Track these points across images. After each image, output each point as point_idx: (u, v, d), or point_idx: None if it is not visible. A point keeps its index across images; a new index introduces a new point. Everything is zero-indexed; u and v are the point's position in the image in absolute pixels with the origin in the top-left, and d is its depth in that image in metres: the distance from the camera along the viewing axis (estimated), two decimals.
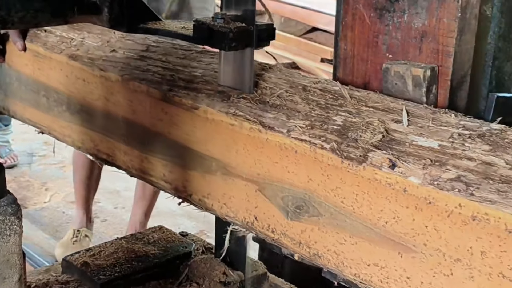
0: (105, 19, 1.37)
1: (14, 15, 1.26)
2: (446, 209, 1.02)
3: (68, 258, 1.67)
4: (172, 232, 1.84)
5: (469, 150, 1.06)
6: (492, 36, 1.39)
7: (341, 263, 1.19)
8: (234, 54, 1.33)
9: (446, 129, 1.12)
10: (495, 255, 0.98)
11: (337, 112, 1.24)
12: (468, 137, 1.09)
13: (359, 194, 1.13)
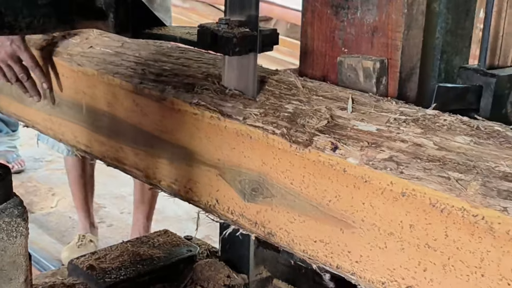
0: (110, 25, 1.38)
1: (21, 21, 1.27)
2: (379, 186, 1.11)
3: (74, 261, 1.70)
4: (177, 236, 1.88)
5: (403, 133, 1.15)
6: (440, 31, 1.48)
7: (291, 240, 1.29)
8: (238, 59, 1.35)
9: (386, 114, 1.22)
10: (421, 227, 1.07)
11: (289, 100, 1.33)
12: (403, 121, 1.18)
13: (305, 176, 1.22)
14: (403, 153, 1.11)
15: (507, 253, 0.97)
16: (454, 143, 1.10)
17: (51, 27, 1.34)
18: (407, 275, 1.10)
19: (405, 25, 1.40)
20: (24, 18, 1.27)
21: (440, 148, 1.10)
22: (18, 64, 1.79)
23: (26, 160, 4.58)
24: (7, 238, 1.08)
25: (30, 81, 1.80)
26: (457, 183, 1.02)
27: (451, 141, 1.11)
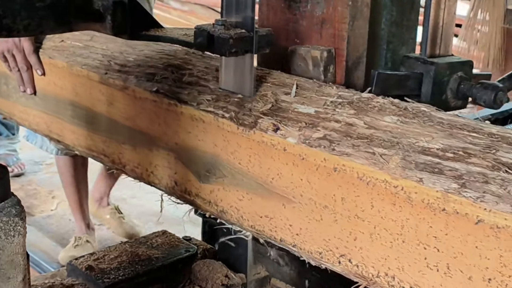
0: (108, 27, 1.38)
1: (19, 23, 1.26)
2: (314, 163, 1.20)
3: (72, 262, 1.71)
4: (176, 236, 1.88)
5: (338, 114, 1.25)
6: (385, 23, 1.57)
7: (240, 217, 1.38)
8: (234, 59, 1.36)
9: (325, 98, 1.31)
10: (351, 200, 1.16)
11: None
12: (339, 104, 1.27)
13: (251, 156, 1.32)
14: (336, 132, 1.20)
15: (423, 220, 1.06)
16: (382, 122, 1.19)
17: (49, 29, 1.34)
18: (340, 244, 1.20)
19: (350, 16, 1.49)
20: (22, 20, 1.26)
21: (369, 127, 1.19)
22: (20, 54, 1.82)
23: (26, 163, 4.56)
24: (5, 237, 1.08)
25: (29, 72, 1.83)
26: (381, 157, 1.11)
27: (380, 120, 1.20)
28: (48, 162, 4.56)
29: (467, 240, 1.01)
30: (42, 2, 1.29)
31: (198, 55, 1.62)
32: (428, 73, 1.48)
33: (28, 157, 4.64)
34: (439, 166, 1.06)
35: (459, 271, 1.03)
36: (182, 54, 1.61)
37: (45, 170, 4.55)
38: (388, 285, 1.13)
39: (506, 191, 0.98)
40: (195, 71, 1.53)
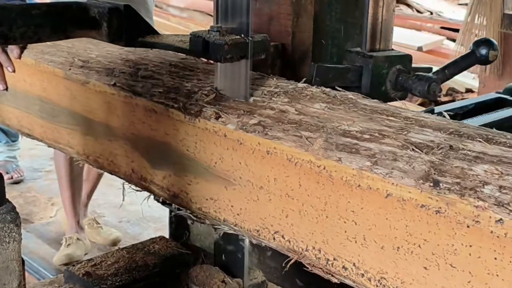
0: (104, 34, 1.39)
1: (15, 31, 1.27)
2: (251, 147, 1.30)
3: (70, 268, 1.72)
4: (173, 242, 1.92)
5: (273, 102, 1.35)
6: (330, 19, 1.68)
7: (189, 200, 1.48)
8: (230, 65, 1.37)
9: (264, 88, 1.41)
10: (282, 180, 1.26)
11: (189, 80, 1.52)
12: (275, 93, 1.38)
13: (197, 142, 1.42)
14: (269, 118, 1.30)
15: (342, 196, 1.16)
16: (311, 109, 1.30)
17: (45, 36, 1.35)
18: (274, 222, 1.30)
19: (294, 13, 1.60)
20: (19, 28, 1.28)
21: (300, 113, 1.29)
22: None
23: (25, 170, 4.60)
24: (0, 243, 1.09)
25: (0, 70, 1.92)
26: (306, 140, 1.22)
27: (310, 107, 1.30)
28: (48, 169, 4.62)
29: (379, 213, 1.11)
30: (38, 10, 1.32)
31: (155, 51, 1.72)
32: (367, 66, 1.58)
33: (28, 164, 4.69)
34: (356, 147, 1.16)
35: (373, 242, 1.13)
36: (141, 50, 1.72)
37: (45, 177, 4.61)
38: (315, 258, 1.23)
39: (411, 167, 1.08)
40: (150, 65, 1.63)
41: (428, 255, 1.06)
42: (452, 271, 1.03)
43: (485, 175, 1.01)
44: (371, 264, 1.14)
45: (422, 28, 7.51)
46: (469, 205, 0.99)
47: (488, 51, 1.61)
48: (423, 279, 1.07)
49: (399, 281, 1.11)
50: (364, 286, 1.16)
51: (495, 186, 0.99)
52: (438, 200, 1.02)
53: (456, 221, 1.01)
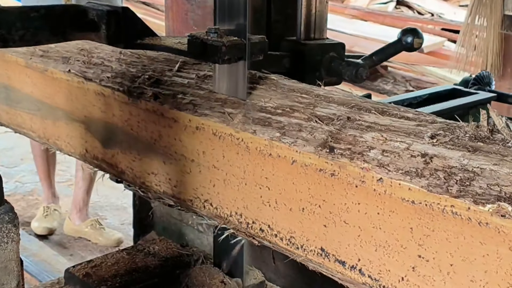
0: (103, 36, 1.40)
1: (14, 34, 1.28)
2: (183, 124, 1.44)
3: (70, 269, 1.74)
4: (173, 243, 1.95)
5: (204, 84, 1.49)
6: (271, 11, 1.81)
7: (134, 176, 1.61)
8: (227, 67, 1.38)
9: (199, 72, 1.55)
10: (209, 153, 1.40)
11: (135, 66, 1.66)
12: (208, 76, 1.51)
13: (140, 121, 1.55)
14: (200, 98, 1.44)
15: (257, 165, 1.30)
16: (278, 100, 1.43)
17: (44, 39, 1.36)
18: (204, 191, 1.43)
19: None
20: (17, 31, 1.28)
21: None
22: None
23: (27, 174, 4.65)
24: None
25: None
26: (228, 116, 1.35)
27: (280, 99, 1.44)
28: None
29: (287, 178, 1.25)
30: (36, 13, 1.33)
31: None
32: (301, 53, 1.72)
33: (30, 168, 4.67)
34: (269, 120, 1.29)
35: (283, 205, 1.27)
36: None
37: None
38: (238, 222, 1.37)
39: (312, 136, 1.21)
40: (102, 54, 1.77)
41: (326, 214, 1.19)
42: (346, 227, 1.16)
43: (372, 141, 1.15)
44: (282, 225, 1.28)
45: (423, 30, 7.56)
46: (356, 167, 1.12)
47: (413, 39, 1.74)
48: (323, 236, 1.21)
49: (304, 239, 1.24)
50: (277, 245, 1.30)
51: (379, 150, 1.13)
52: (332, 164, 1.16)
53: (347, 182, 1.14)
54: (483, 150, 1.06)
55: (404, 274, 1.09)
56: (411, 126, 1.17)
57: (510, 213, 0.94)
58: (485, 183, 0.99)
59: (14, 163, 4.80)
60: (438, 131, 1.13)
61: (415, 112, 1.23)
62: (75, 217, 3.86)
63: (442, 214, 1.02)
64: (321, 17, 1.77)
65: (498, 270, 0.97)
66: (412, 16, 8.71)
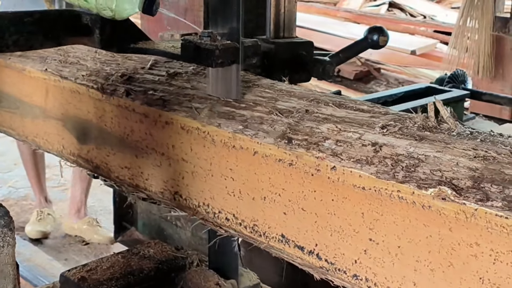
0: (96, 41, 1.40)
1: (8, 39, 1.28)
2: (154, 119, 1.49)
3: (65, 273, 1.73)
4: (168, 246, 1.94)
5: (173, 80, 1.54)
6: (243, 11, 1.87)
7: (109, 170, 1.67)
8: (221, 70, 1.39)
9: (170, 69, 1.61)
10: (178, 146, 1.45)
11: (109, 64, 1.72)
12: (178, 73, 1.57)
13: (113, 117, 1.61)
14: (169, 94, 1.50)
15: (222, 157, 1.35)
16: (203, 85, 1.49)
17: (38, 44, 1.36)
18: (174, 183, 1.49)
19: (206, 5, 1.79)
20: (11, 36, 1.29)
21: (194, 88, 1.49)
22: None
23: (21, 179, 4.57)
24: None
25: None
26: (195, 110, 1.41)
27: (202, 83, 1.50)
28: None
29: (249, 168, 1.31)
30: (30, 17, 1.33)
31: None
32: (271, 51, 1.78)
33: (23, 173, 4.56)
34: (233, 114, 1.36)
35: (246, 194, 1.33)
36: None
37: None
38: (205, 212, 1.43)
39: (273, 128, 1.27)
40: (78, 53, 1.83)
41: (286, 202, 1.25)
42: (303, 214, 1.23)
43: (328, 132, 1.21)
44: (246, 213, 1.34)
45: (415, 32, 7.58)
46: (312, 157, 1.19)
47: (378, 36, 1.80)
48: (283, 223, 1.27)
49: (266, 226, 1.30)
50: (242, 233, 1.36)
51: (334, 140, 1.19)
52: (290, 154, 1.22)
53: (304, 171, 1.20)
54: (429, 139, 1.12)
55: (357, 257, 1.15)
56: (365, 118, 1.23)
57: (449, 196, 1.00)
58: (428, 169, 1.06)
59: (8, 168, 4.80)
60: (389, 122, 1.19)
61: (370, 104, 1.29)
62: (73, 216, 3.91)
63: (390, 198, 1.08)
64: (290, 16, 1.83)
65: (440, 250, 1.03)
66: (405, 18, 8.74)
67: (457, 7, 8.21)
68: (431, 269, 1.05)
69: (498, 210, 0.96)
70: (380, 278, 1.13)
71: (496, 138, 1.11)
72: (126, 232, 2.54)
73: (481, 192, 0.99)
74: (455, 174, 1.03)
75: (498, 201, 0.97)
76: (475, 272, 1.00)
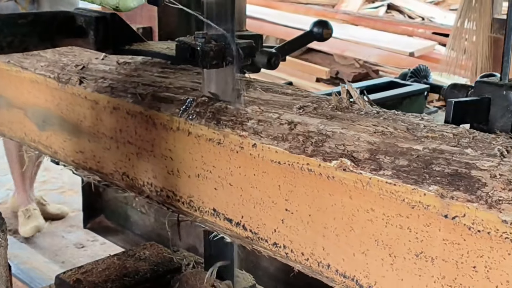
0: (91, 42, 1.41)
1: (2, 40, 1.29)
2: (103, 105, 1.60)
3: (61, 276, 1.74)
4: (163, 248, 1.94)
5: (123, 70, 1.65)
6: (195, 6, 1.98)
7: (65, 155, 1.78)
8: (216, 71, 1.39)
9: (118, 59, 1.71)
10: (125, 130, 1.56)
11: (66, 56, 1.83)
12: (127, 63, 1.68)
13: (67, 105, 1.72)
14: (118, 82, 1.61)
15: (162, 138, 1.46)
16: (149, 73, 1.60)
17: (32, 45, 1.36)
18: (122, 165, 1.60)
19: None
20: (5, 37, 1.29)
21: (139, 76, 1.60)
22: None
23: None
24: None
25: None
26: (139, 96, 1.52)
27: (148, 72, 1.61)
28: (40, 180, 4.68)
29: (185, 148, 1.42)
30: (25, 19, 1.33)
31: None
32: None
33: None
34: (172, 98, 1.46)
35: (183, 172, 1.44)
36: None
37: (39, 188, 4.61)
38: (149, 191, 1.54)
39: (205, 110, 1.38)
40: None
41: (216, 178, 1.36)
42: (231, 188, 1.33)
43: (252, 113, 1.32)
44: (183, 190, 1.45)
45: (414, 34, 7.55)
46: (236, 136, 1.30)
47: (322, 30, 1.91)
48: (214, 198, 1.38)
49: (200, 201, 1.41)
50: (180, 209, 1.47)
51: (256, 120, 1.30)
52: (219, 134, 1.33)
53: (230, 149, 1.31)
54: (339, 118, 1.23)
55: (276, 227, 1.26)
56: (287, 100, 1.34)
57: (349, 167, 1.11)
58: (334, 144, 1.17)
59: (4, 171, 4.74)
60: (307, 103, 1.30)
61: (294, 89, 1.41)
62: (22, 199, 4.01)
63: (301, 171, 1.19)
64: (240, 10, 1.93)
65: (343, 216, 1.14)
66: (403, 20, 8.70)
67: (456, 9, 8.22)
68: (336, 234, 1.16)
69: (388, 178, 1.07)
70: (295, 245, 1.24)
71: (398, 116, 1.22)
72: (95, 219, 2.65)
73: (376, 162, 1.10)
74: (356, 148, 1.14)
75: (389, 170, 1.08)
76: (371, 235, 1.11)
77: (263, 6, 8.00)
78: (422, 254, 1.05)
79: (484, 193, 0.97)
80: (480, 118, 1.35)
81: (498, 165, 1.01)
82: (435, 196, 1.01)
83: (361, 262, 1.13)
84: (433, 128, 1.16)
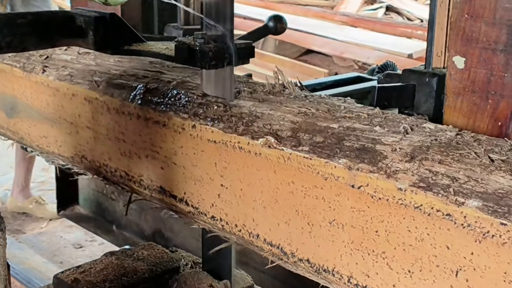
0: (90, 42, 1.41)
1: (1, 40, 1.28)
2: (63, 92, 1.71)
3: (59, 275, 1.73)
4: (162, 248, 1.93)
5: (83, 59, 1.76)
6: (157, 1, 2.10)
7: (31, 140, 1.89)
8: (214, 72, 1.40)
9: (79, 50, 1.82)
10: (83, 115, 1.67)
11: None
12: (86, 53, 1.79)
13: (32, 93, 1.83)
14: (77, 71, 1.72)
15: (116, 122, 1.57)
16: (107, 62, 1.71)
17: (32, 45, 1.37)
18: (81, 149, 1.71)
19: None
20: (4, 37, 1.29)
21: (97, 65, 1.71)
22: None
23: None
24: None
25: None
26: (95, 83, 1.63)
27: (106, 61, 1.72)
28: (40, 180, 4.70)
29: (135, 131, 1.52)
30: (24, 19, 1.33)
31: None
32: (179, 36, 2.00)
33: None
34: (124, 84, 1.57)
35: (134, 154, 1.54)
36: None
37: (37, 188, 4.62)
38: (105, 172, 1.65)
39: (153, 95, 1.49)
40: None
41: (163, 158, 1.47)
42: (175, 167, 1.45)
43: (193, 96, 1.43)
44: (135, 170, 1.56)
45: (412, 36, 7.59)
46: (179, 118, 1.41)
47: (277, 24, 2.03)
48: (162, 177, 1.49)
49: (149, 180, 1.52)
50: (132, 188, 1.58)
51: (196, 103, 1.41)
52: (163, 116, 1.44)
53: (173, 130, 1.42)
54: (270, 101, 1.35)
55: (213, 201, 1.37)
56: None
57: (273, 144, 1.22)
58: (262, 124, 1.28)
59: (3, 171, 4.83)
60: (243, 88, 1.41)
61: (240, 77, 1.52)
62: (18, 195, 4.12)
63: (233, 149, 1.30)
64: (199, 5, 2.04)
65: (269, 190, 1.25)
66: (402, 22, 8.70)
67: None
68: (264, 207, 1.27)
69: (305, 153, 1.18)
70: (230, 218, 1.35)
71: (323, 99, 1.33)
72: (69, 207, 2.75)
73: (296, 139, 1.21)
74: (280, 127, 1.25)
75: (307, 146, 1.19)
76: (293, 206, 1.22)
77: (262, 7, 8.05)
78: (334, 221, 1.16)
79: (384, 164, 1.09)
80: (406, 103, 1.47)
81: (400, 140, 1.13)
82: (344, 168, 1.12)
83: (285, 231, 1.24)
84: (351, 109, 1.27)
